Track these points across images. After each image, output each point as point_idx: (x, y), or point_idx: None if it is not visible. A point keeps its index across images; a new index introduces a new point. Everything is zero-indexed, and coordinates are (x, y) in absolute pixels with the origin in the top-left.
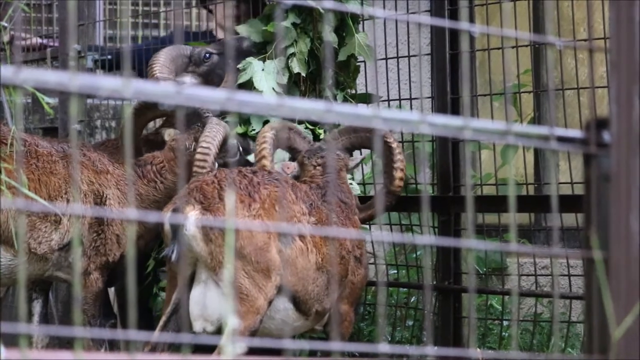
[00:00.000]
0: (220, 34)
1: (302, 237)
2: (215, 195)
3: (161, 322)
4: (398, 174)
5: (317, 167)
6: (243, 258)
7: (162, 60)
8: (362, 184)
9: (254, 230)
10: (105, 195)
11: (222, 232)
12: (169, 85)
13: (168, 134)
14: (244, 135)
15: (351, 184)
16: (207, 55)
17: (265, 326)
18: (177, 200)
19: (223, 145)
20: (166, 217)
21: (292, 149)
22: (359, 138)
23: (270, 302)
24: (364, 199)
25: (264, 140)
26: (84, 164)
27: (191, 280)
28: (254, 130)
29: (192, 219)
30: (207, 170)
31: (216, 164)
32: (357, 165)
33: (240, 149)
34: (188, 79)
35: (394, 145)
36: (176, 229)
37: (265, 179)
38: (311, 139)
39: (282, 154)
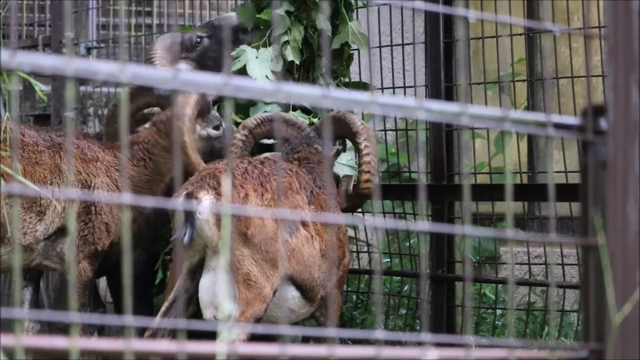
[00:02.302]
0: None
1: (305, 225)
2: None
3: (163, 308)
4: (364, 177)
5: (299, 160)
6: (253, 246)
7: (160, 50)
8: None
9: (266, 220)
10: (93, 184)
11: (234, 218)
12: (165, 70)
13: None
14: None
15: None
16: (199, 39)
17: (272, 314)
18: (189, 185)
19: (204, 114)
20: (179, 201)
21: (283, 139)
22: (339, 129)
23: (275, 292)
24: None
25: (234, 143)
26: (72, 153)
27: (199, 268)
28: None
29: (206, 203)
30: (187, 134)
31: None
32: (337, 154)
33: (223, 124)
34: (183, 65)
35: (363, 145)
36: (190, 212)
37: (273, 169)
38: (304, 125)
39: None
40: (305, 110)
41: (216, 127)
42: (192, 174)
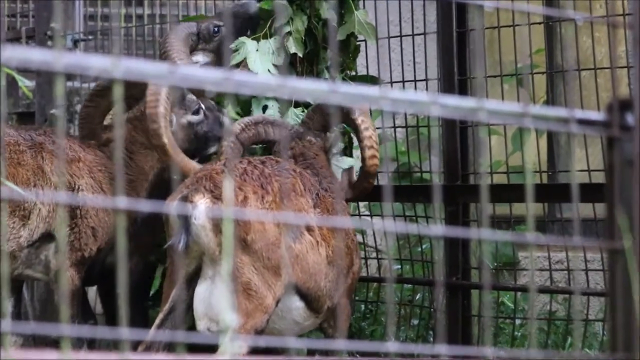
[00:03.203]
0: None
1: (310, 230)
2: None
3: (158, 320)
4: (368, 153)
5: (295, 157)
6: (254, 253)
7: (176, 43)
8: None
9: (266, 224)
10: (77, 186)
11: (233, 223)
12: (161, 64)
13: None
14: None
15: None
16: (216, 29)
17: (274, 326)
18: (184, 188)
19: (181, 101)
20: (173, 205)
21: (267, 141)
22: (330, 118)
23: (277, 302)
24: None
25: (222, 151)
26: (53, 153)
27: (196, 276)
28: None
29: (202, 207)
30: (162, 120)
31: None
32: (335, 143)
33: (203, 107)
34: (200, 57)
35: (360, 121)
36: (185, 217)
37: (275, 170)
38: (289, 123)
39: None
40: (308, 106)
41: (196, 112)
42: (184, 174)
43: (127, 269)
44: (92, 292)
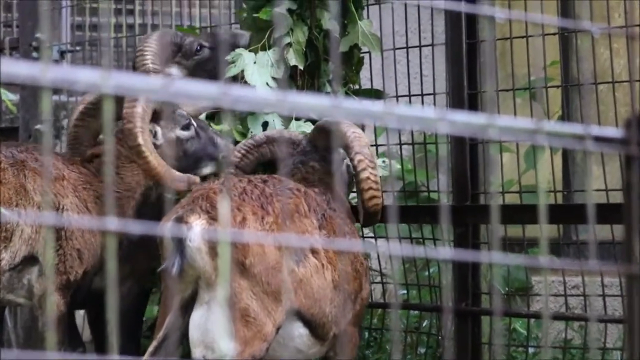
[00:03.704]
0: None
1: (315, 252)
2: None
3: (151, 348)
4: (366, 195)
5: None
6: (252, 277)
7: (154, 47)
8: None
9: (266, 247)
10: (62, 206)
11: (230, 245)
12: (155, 79)
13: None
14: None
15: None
16: (199, 47)
17: (276, 354)
18: (179, 208)
19: (168, 113)
20: (167, 226)
21: (273, 161)
22: (331, 140)
23: (278, 329)
24: None
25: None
26: (36, 171)
27: (191, 302)
28: (252, 134)
29: (197, 229)
30: (139, 120)
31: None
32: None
33: (194, 123)
34: (175, 70)
35: (357, 161)
36: (179, 239)
37: (277, 189)
38: (298, 137)
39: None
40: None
41: (185, 127)
42: (160, 182)
43: (117, 293)
44: (79, 317)
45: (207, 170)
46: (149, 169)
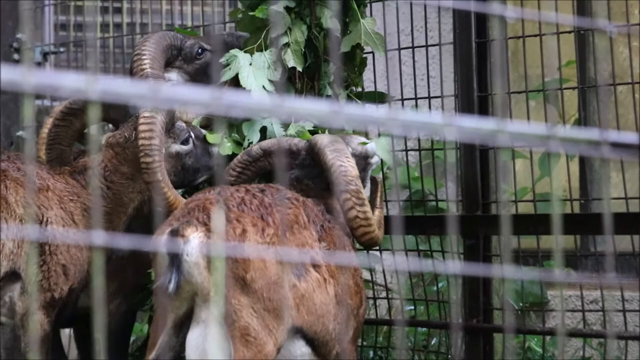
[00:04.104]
0: None
1: (317, 266)
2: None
3: None
4: (358, 232)
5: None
6: (253, 294)
7: (153, 51)
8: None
9: (268, 261)
10: (46, 219)
11: (229, 259)
12: (143, 84)
13: (106, 136)
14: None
15: None
16: (200, 51)
17: None
18: (174, 220)
19: (170, 129)
20: (162, 240)
21: (272, 172)
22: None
23: (279, 349)
24: None
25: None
26: (18, 181)
27: (186, 321)
28: (250, 142)
29: (195, 242)
30: (157, 154)
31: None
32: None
33: (192, 135)
34: (174, 75)
35: (339, 186)
36: (175, 254)
37: (276, 199)
38: (299, 145)
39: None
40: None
41: (185, 141)
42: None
43: (105, 311)
44: (65, 337)
45: (202, 179)
46: (166, 203)
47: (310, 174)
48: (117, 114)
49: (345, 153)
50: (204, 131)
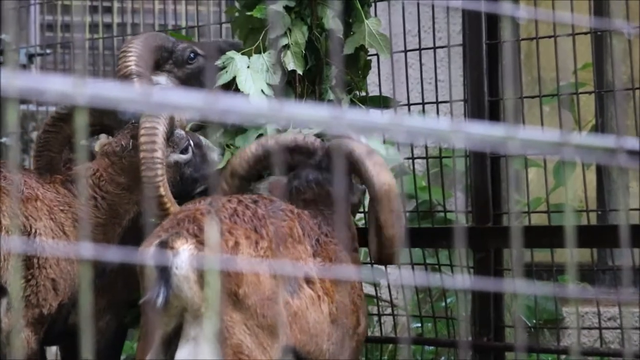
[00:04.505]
0: None
1: (310, 282)
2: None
3: None
4: (392, 243)
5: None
6: (246, 310)
7: (140, 49)
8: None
9: (262, 275)
10: (34, 230)
11: (221, 273)
12: (134, 88)
13: (100, 143)
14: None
15: None
16: (192, 55)
17: None
18: (162, 231)
19: (170, 137)
20: (150, 252)
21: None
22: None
23: None
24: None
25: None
26: (3, 190)
27: (175, 338)
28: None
29: (184, 255)
30: (159, 168)
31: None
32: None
33: (192, 144)
34: (163, 79)
35: (381, 201)
36: (164, 267)
37: (269, 210)
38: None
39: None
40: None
41: (184, 150)
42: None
43: (94, 328)
44: (51, 354)
45: (200, 189)
46: (167, 215)
47: (330, 180)
48: (111, 120)
49: (386, 167)
50: (203, 138)
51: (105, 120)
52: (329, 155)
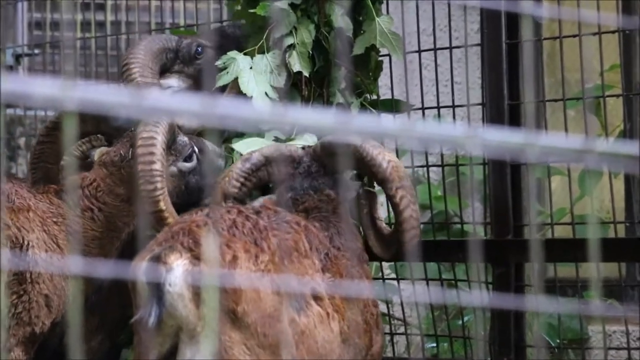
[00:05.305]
0: None
1: (319, 299)
2: None
3: None
4: (407, 235)
5: (307, 212)
6: (246, 328)
7: (142, 57)
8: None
9: (262, 291)
10: (26, 242)
11: (218, 290)
12: (126, 91)
13: (99, 152)
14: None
15: None
16: (199, 49)
17: None
18: (155, 245)
19: (172, 145)
20: (142, 267)
21: (269, 184)
22: (356, 164)
23: None
24: None
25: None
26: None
27: (171, 358)
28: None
29: (178, 271)
30: (159, 181)
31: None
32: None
33: (196, 150)
34: (174, 81)
35: (399, 198)
36: (156, 284)
37: (273, 222)
38: (297, 153)
39: None
40: None
41: (188, 157)
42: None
43: (84, 349)
44: None
45: (208, 201)
46: (153, 222)
47: (327, 183)
48: (109, 127)
49: (387, 149)
50: (208, 143)
51: (103, 127)
52: (316, 158)
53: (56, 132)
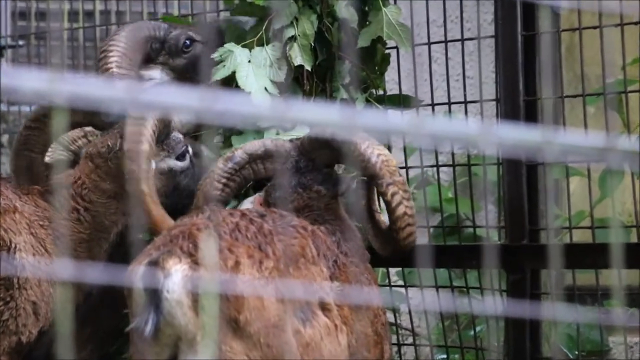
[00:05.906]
0: None
1: (326, 309)
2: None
3: None
4: (402, 234)
5: (298, 211)
6: (248, 338)
7: (123, 46)
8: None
9: (266, 299)
10: (13, 246)
11: (219, 297)
12: (119, 85)
13: (87, 145)
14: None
15: None
16: (188, 42)
17: None
18: (153, 249)
19: (164, 139)
20: (138, 273)
21: (261, 179)
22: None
23: None
24: None
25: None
26: None
27: None
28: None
29: (177, 277)
30: (144, 163)
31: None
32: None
33: (190, 151)
34: (157, 73)
35: (390, 195)
36: (154, 290)
37: (278, 226)
38: (284, 147)
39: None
40: None
41: (181, 156)
42: (155, 232)
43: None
44: None
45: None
46: (149, 221)
47: (316, 179)
48: (99, 119)
49: (377, 143)
50: (204, 148)
51: (96, 119)
52: (304, 152)
53: (45, 119)
